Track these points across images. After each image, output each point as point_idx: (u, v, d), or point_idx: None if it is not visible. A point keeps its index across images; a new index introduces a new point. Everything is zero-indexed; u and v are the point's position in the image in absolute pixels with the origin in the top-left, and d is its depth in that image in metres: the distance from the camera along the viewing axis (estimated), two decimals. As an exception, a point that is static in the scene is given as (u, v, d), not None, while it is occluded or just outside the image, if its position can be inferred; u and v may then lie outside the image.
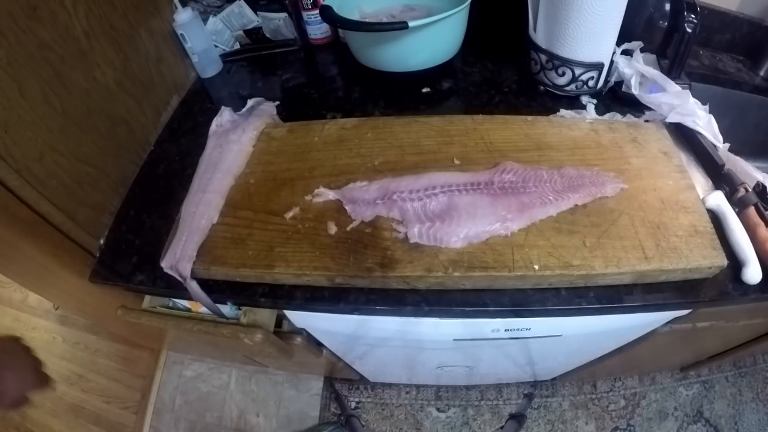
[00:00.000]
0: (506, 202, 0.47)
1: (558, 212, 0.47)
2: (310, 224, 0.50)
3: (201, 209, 0.52)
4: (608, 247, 0.44)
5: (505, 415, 1.17)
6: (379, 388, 1.26)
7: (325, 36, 0.81)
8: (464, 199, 0.48)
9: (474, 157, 0.54)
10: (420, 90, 0.71)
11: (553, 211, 0.47)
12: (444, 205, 0.48)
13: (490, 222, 0.46)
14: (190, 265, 0.48)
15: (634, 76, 0.62)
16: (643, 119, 0.60)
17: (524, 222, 0.46)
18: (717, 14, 0.70)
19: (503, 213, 0.47)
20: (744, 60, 0.72)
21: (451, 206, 0.47)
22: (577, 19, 0.57)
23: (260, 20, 0.83)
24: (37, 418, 1.36)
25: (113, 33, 0.61)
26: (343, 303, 0.48)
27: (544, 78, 0.66)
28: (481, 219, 0.46)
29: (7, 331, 1.53)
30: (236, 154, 0.57)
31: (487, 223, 0.46)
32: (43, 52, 0.51)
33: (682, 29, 0.58)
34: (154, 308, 0.62)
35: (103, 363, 1.42)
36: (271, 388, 1.30)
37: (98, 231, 0.59)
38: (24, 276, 0.66)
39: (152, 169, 0.66)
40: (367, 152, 0.56)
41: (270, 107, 0.67)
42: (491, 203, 0.47)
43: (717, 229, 0.46)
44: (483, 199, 0.48)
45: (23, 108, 0.49)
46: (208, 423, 1.28)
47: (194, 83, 0.80)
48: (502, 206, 0.47)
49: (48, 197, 0.53)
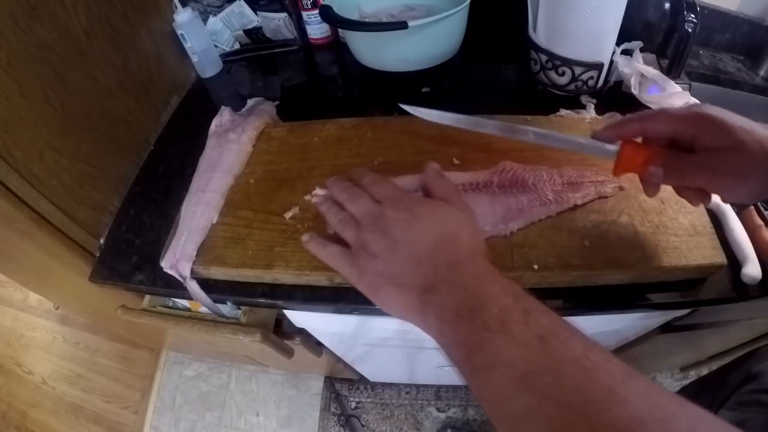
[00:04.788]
0: (505, 201, 0.47)
1: (557, 212, 0.47)
2: (309, 224, 0.50)
3: (201, 209, 0.52)
4: (608, 247, 0.44)
5: (505, 415, 1.17)
6: (379, 388, 1.26)
7: (325, 36, 0.81)
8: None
9: (473, 156, 0.54)
10: (420, 90, 0.71)
11: (553, 210, 0.47)
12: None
13: (489, 222, 0.46)
14: (189, 264, 0.48)
15: (634, 76, 0.62)
16: (642, 119, 0.60)
17: (523, 222, 0.46)
18: (717, 14, 0.70)
19: (502, 213, 0.47)
20: (744, 60, 0.72)
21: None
22: (577, 19, 0.57)
23: (260, 20, 0.83)
24: (37, 417, 1.36)
25: (113, 33, 0.61)
26: (343, 303, 0.48)
27: (543, 78, 0.66)
28: (480, 219, 0.46)
29: (8, 331, 1.54)
30: (236, 154, 0.57)
31: (486, 222, 0.46)
32: (43, 52, 0.51)
33: (682, 29, 0.58)
34: (154, 308, 0.62)
35: (103, 363, 1.42)
36: (271, 388, 1.31)
37: (98, 231, 0.59)
38: (24, 275, 0.66)
39: (152, 168, 0.66)
40: (366, 152, 0.56)
41: (270, 107, 0.67)
42: (490, 203, 0.47)
43: (717, 228, 0.46)
44: (482, 199, 0.48)
45: (23, 108, 0.49)
46: (208, 423, 1.28)
47: (194, 83, 0.80)
48: (501, 206, 0.47)
49: (48, 197, 0.53)
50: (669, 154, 0.36)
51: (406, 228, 0.33)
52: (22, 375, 1.44)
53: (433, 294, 0.30)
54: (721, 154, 0.33)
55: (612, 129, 0.38)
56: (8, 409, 1.38)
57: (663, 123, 0.35)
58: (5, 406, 1.39)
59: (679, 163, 0.35)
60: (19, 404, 1.39)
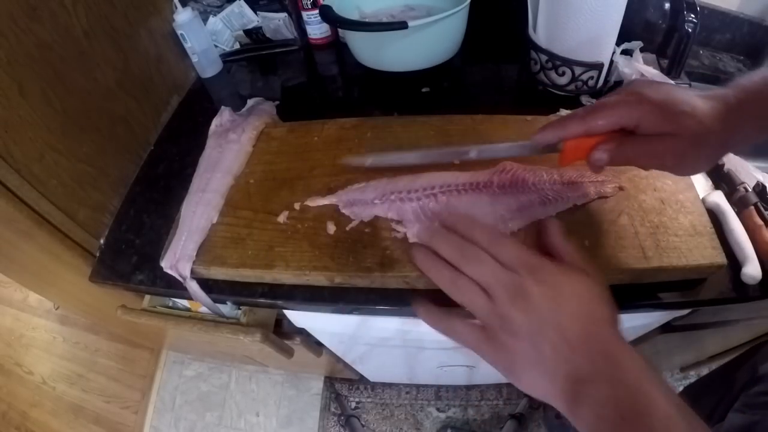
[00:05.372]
0: (505, 201, 0.47)
1: (557, 212, 0.47)
2: (309, 224, 0.50)
3: (201, 209, 0.52)
4: (608, 247, 0.44)
5: (505, 415, 1.17)
6: (379, 388, 1.26)
7: (325, 36, 0.81)
8: (463, 199, 0.48)
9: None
10: (420, 90, 0.71)
11: (553, 210, 0.47)
12: (443, 205, 0.48)
13: (490, 221, 0.46)
14: (189, 264, 0.48)
15: (634, 76, 0.62)
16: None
17: (524, 221, 0.46)
18: (717, 14, 0.70)
19: (502, 213, 0.47)
20: (744, 60, 0.72)
21: (451, 206, 0.47)
22: (577, 19, 0.57)
23: (260, 20, 0.83)
24: (37, 417, 1.36)
25: (113, 33, 0.61)
26: (343, 303, 0.48)
27: (543, 78, 0.66)
28: (480, 219, 0.46)
29: (8, 331, 1.53)
30: (236, 154, 0.57)
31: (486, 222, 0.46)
32: (43, 52, 0.51)
33: (682, 29, 0.58)
34: (153, 308, 0.62)
35: (103, 363, 1.42)
36: (271, 388, 1.30)
37: (98, 231, 0.59)
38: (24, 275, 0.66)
39: (152, 168, 0.66)
40: (367, 152, 0.56)
41: (270, 107, 0.67)
42: (491, 203, 0.47)
43: (716, 228, 0.46)
44: (482, 199, 0.48)
45: (23, 108, 0.49)
46: (208, 423, 1.28)
47: (194, 83, 0.80)
48: (501, 206, 0.47)
49: (48, 197, 0.53)
50: (612, 140, 0.36)
51: (553, 307, 0.30)
52: (22, 375, 1.44)
53: (590, 387, 0.28)
54: (662, 139, 0.34)
55: (553, 131, 0.37)
56: (8, 409, 1.38)
57: (604, 120, 0.35)
58: (5, 406, 1.39)
59: (623, 148, 0.35)
60: (19, 404, 1.39)
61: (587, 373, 0.28)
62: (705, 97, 0.34)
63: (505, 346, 0.31)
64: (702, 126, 0.33)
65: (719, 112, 0.33)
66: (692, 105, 0.33)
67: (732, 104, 0.33)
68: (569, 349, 0.29)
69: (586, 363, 0.29)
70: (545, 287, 0.31)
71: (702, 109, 0.33)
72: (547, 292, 0.30)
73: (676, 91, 0.34)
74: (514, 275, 0.32)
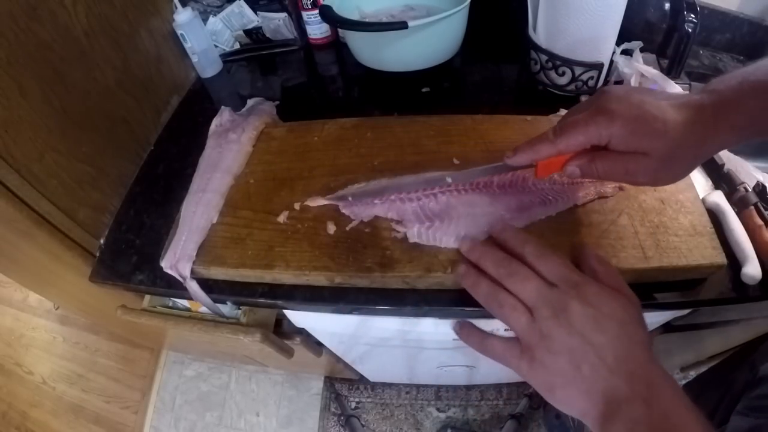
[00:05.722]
0: (505, 201, 0.47)
1: (557, 212, 0.47)
2: (309, 224, 0.50)
3: (201, 209, 0.52)
4: (608, 247, 0.44)
5: (505, 415, 1.17)
6: (379, 388, 1.26)
7: (325, 36, 0.81)
8: (463, 199, 0.48)
9: (474, 156, 0.54)
10: (420, 90, 0.71)
11: (553, 210, 0.47)
12: (443, 204, 0.48)
13: (490, 221, 0.46)
14: (189, 264, 0.48)
15: (634, 76, 0.62)
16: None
17: (524, 221, 0.46)
18: (717, 14, 0.70)
19: (502, 213, 0.47)
20: (744, 60, 0.72)
21: (450, 206, 0.47)
22: (577, 19, 0.57)
23: (260, 20, 0.83)
24: (37, 417, 1.36)
25: (113, 33, 0.61)
26: (343, 303, 0.48)
27: (544, 78, 0.66)
28: (480, 218, 0.46)
29: (8, 331, 1.53)
30: (236, 154, 0.57)
31: (486, 222, 0.46)
32: (43, 52, 0.51)
33: (682, 29, 0.59)
34: (153, 308, 0.62)
35: (103, 363, 1.42)
36: (271, 388, 1.30)
37: (98, 231, 0.59)
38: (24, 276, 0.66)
39: (152, 168, 0.66)
40: (366, 152, 0.56)
41: (270, 107, 0.67)
42: (491, 203, 0.47)
43: (717, 228, 0.46)
44: (482, 199, 0.48)
45: (23, 108, 0.49)
46: (208, 423, 1.28)
47: (194, 83, 0.80)
48: (501, 206, 0.47)
49: (48, 197, 0.53)
50: (584, 155, 0.36)
51: (595, 327, 0.31)
52: (22, 375, 1.44)
53: (625, 406, 0.29)
54: (634, 158, 0.33)
55: (525, 155, 0.38)
56: (8, 409, 1.38)
57: (575, 141, 0.35)
58: (5, 406, 1.39)
59: (594, 164, 0.36)
60: (19, 404, 1.39)
61: (624, 393, 0.29)
62: (679, 108, 0.32)
63: (543, 363, 0.31)
64: (675, 143, 0.32)
65: (693, 125, 0.32)
66: (664, 121, 0.32)
67: (707, 116, 0.32)
68: (608, 370, 0.30)
69: (623, 384, 0.29)
70: (588, 307, 0.31)
71: (674, 125, 0.32)
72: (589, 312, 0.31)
73: (649, 104, 0.33)
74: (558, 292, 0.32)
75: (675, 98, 0.34)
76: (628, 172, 0.35)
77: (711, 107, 0.32)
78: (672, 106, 0.33)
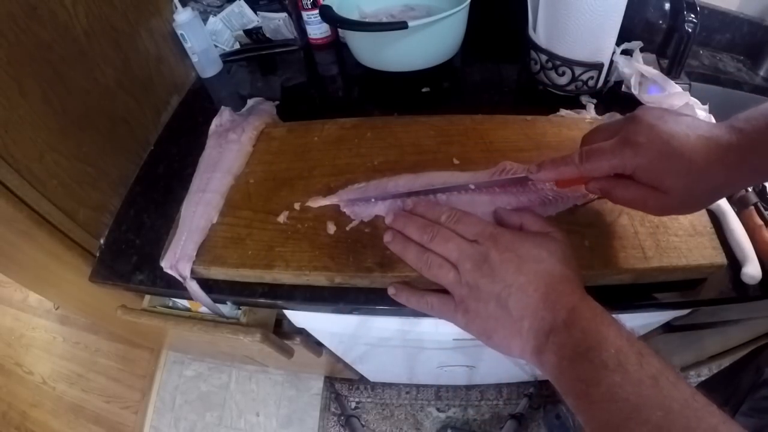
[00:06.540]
0: (506, 201, 0.47)
1: (557, 212, 0.47)
2: (309, 224, 0.50)
3: (201, 209, 0.52)
4: (608, 247, 0.44)
5: (505, 415, 1.17)
6: (379, 388, 1.26)
7: (325, 36, 0.81)
8: (463, 199, 0.48)
9: (473, 156, 0.54)
10: (420, 90, 0.71)
11: (553, 210, 0.47)
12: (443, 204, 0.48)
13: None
14: (189, 264, 0.48)
15: (634, 76, 0.62)
16: (642, 119, 0.60)
17: (524, 222, 0.46)
18: (717, 14, 0.70)
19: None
20: (744, 60, 0.72)
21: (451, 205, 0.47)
22: (577, 19, 0.57)
23: (260, 20, 0.83)
24: (37, 417, 1.36)
25: (113, 33, 0.61)
26: (343, 303, 0.48)
27: (543, 78, 0.66)
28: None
29: (8, 331, 1.54)
30: (236, 154, 0.57)
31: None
32: (43, 52, 0.51)
33: (682, 29, 0.58)
34: (153, 308, 0.62)
35: (103, 363, 1.42)
36: (271, 388, 1.31)
37: (98, 231, 0.59)
38: (24, 275, 0.66)
39: (152, 168, 0.66)
40: (366, 152, 0.56)
41: (270, 107, 0.67)
42: (490, 203, 0.47)
43: (717, 228, 0.46)
44: (482, 199, 0.48)
45: (23, 108, 0.49)
46: (208, 423, 1.28)
47: (194, 83, 0.80)
48: (501, 206, 0.47)
49: (48, 197, 0.53)
50: (608, 181, 0.37)
51: (516, 270, 0.33)
52: (22, 375, 1.44)
53: (552, 336, 0.31)
54: (654, 193, 0.34)
55: (549, 172, 0.38)
56: (8, 409, 1.38)
57: (600, 169, 0.36)
58: (5, 406, 1.39)
59: (615, 192, 0.36)
60: (19, 404, 1.39)
61: (549, 323, 0.31)
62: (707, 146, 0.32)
63: (477, 312, 0.34)
64: (696, 185, 0.32)
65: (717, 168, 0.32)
66: (690, 161, 0.32)
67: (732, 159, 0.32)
68: (533, 306, 0.32)
69: (549, 317, 0.32)
70: (507, 253, 0.34)
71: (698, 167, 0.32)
72: (506, 257, 0.34)
73: (677, 140, 0.32)
74: (478, 246, 0.35)
75: (704, 132, 0.33)
76: (647, 206, 0.36)
77: (737, 150, 0.32)
78: (700, 143, 0.32)
